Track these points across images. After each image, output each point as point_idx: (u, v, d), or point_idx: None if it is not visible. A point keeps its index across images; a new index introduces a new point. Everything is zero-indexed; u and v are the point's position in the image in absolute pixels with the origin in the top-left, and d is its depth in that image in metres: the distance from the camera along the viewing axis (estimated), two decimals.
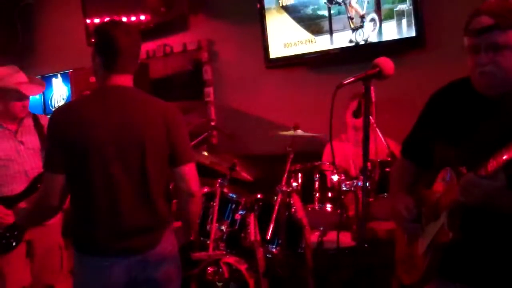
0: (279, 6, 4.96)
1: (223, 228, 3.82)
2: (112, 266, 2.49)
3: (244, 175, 4.19)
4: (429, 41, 4.21)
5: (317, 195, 3.67)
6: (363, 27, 4.45)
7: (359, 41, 4.49)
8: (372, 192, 3.50)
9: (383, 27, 4.35)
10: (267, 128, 4.94)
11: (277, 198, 3.66)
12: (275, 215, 3.63)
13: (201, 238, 3.84)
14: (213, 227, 3.74)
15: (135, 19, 5.65)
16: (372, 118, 3.70)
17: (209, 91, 5.70)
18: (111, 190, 2.45)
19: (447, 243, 2.01)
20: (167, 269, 2.60)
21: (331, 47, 4.68)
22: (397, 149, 2.81)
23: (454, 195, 1.94)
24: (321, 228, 3.76)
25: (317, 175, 3.69)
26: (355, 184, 3.53)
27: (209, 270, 3.63)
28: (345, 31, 4.57)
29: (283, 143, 4.05)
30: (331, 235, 3.73)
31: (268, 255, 3.65)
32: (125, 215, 2.47)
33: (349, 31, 4.55)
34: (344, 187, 3.56)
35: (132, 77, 2.60)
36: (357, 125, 4.04)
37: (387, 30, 4.34)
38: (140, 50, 2.63)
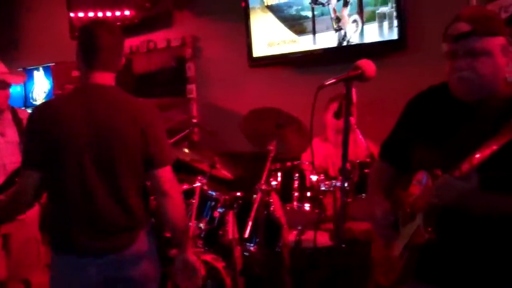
0: (263, 5, 4.97)
1: (202, 225, 3.82)
2: (87, 265, 2.49)
3: (224, 173, 4.19)
4: (410, 44, 4.25)
5: (296, 194, 3.68)
6: (345, 28, 4.48)
7: (342, 42, 4.51)
8: (350, 192, 3.52)
9: (365, 29, 4.38)
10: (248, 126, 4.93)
11: (256, 196, 3.66)
12: (253, 213, 3.63)
13: None
14: (191, 224, 3.74)
15: (119, 14, 5.63)
16: (353, 119, 3.72)
17: (192, 88, 5.71)
18: (85, 189, 2.46)
19: (423, 244, 2.03)
20: (143, 268, 2.59)
21: (314, 47, 4.70)
22: (377, 150, 2.83)
23: (429, 196, 1.97)
24: (299, 227, 3.76)
25: (297, 174, 3.70)
26: (334, 184, 3.55)
27: None
28: (328, 32, 4.60)
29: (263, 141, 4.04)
30: (309, 235, 3.73)
31: (245, 253, 3.66)
32: (99, 215, 2.48)
33: (332, 31, 4.57)
34: (323, 187, 3.57)
35: (113, 75, 2.60)
36: (338, 127, 4.06)
37: (369, 31, 4.37)
38: (122, 48, 2.63)
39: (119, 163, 2.48)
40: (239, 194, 3.87)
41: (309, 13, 4.69)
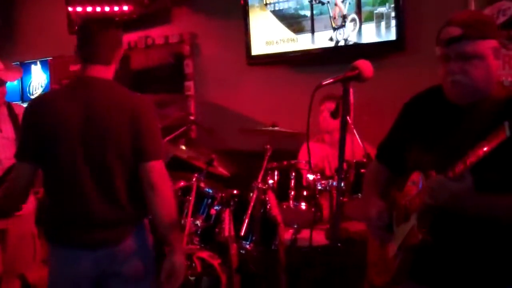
0: (262, 3, 4.97)
1: (198, 222, 3.82)
2: (80, 258, 2.51)
3: (221, 170, 4.19)
4: (409, 45, 4.25)
5: (292, 193, 3.68)
6: (344, 27, 4.48)
7: (340, 40, 4.52)
8: (346, 192, 3.53)
9: (363, 29, 4.39)
10: (246, 124, 4.94)
11: (253, 194, 3.68)
12: (250, 211, 3.64)
13: None
14: (188, 221, 3.74)
15: (118, 9, 5.61)
16: (349, 119, 3.72)
17: (190, 85, 5.70)
18: (75, 182, 2.48)
19: (417, 245, 2.04)
20: (136, 264, 2.59)
21: (312, 46, 4.70)
22: (373, 150, 2.83)
23: (423, 197, 1.98)
24: (295, 226, 3.78)
25: (293, 173, 3.71)
26: (330, 183, 3.56)
27: None
28: (327, 31, 4.60)
29: (261, 140, 4.06)
30: (305, 233, 3.75)
31: (241, 251, 3.67)
32: (89, 208, 2.49)
33: (330, 30, 4.57)
34: (319, 186, 3.58)
35: (108, 68, 2.61)
36: (330, 127, 4.07)
37: (367, 32, 4.37)
38: (117, 42, 2.64)
39: (110, 156, 2.48)
40: (235, 192, 3.88)
41: (308, 12, 4.69)
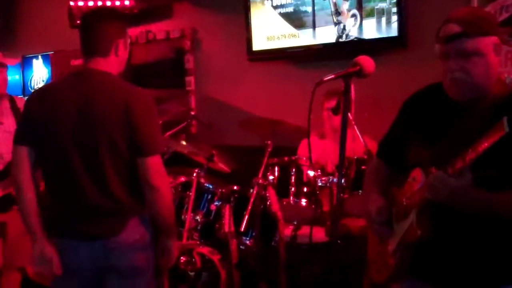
0: None
1: (198, 218, 3.82)
2: (77, 248, 2.53)
3: (221, 166, 4.19)
4: (411, 41, 4.24)
5: (293, 189, 3.68)
6: (345, 22, 4.47)
7: (341, 35, 4.50)
8: (347, 189, 3.53)
9: (364, 25, 4.38)
10: (246, 120, 4.93)
11: (253, 190, 3.67)
12: (250, 207, 3.64)
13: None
14: (188, 216, 3.75)
15: (119, 3, 5.59)
16: (350, 115, 3.72)
17: (190, 80, 5.69)
18: (68, 172, 2.50)
19: (416, 241, 2.05)
20: (132, 258, 2.58)
21: (314, 42, 4.69)
22: (374, 147, 2.83)
23: (423, 193, 1.98)
24: (295, 222, 3.77)
25: (294, 169, 3.70)
26: (331, 180, 3.55)
27: (182, 259, 3.62)
28: (328, 26, 4.58)
29: (262, 135, 4.05)
30: (305, 230, 3.75)
31: (241, 246, 3.67)
32: (82, 198, 2.51)
33: (331, 25, 4.56)
34: (319, 183, 3.57)
35: (107, 59, 2.60)
36: (334, 124, 4.06)
37: (368, 28, 4.36)
38: (116, 32, 2.63)
39: (101, 148, 2.48)
40: (236, 187, 3.86)
41: (309, 8, 4.68)
